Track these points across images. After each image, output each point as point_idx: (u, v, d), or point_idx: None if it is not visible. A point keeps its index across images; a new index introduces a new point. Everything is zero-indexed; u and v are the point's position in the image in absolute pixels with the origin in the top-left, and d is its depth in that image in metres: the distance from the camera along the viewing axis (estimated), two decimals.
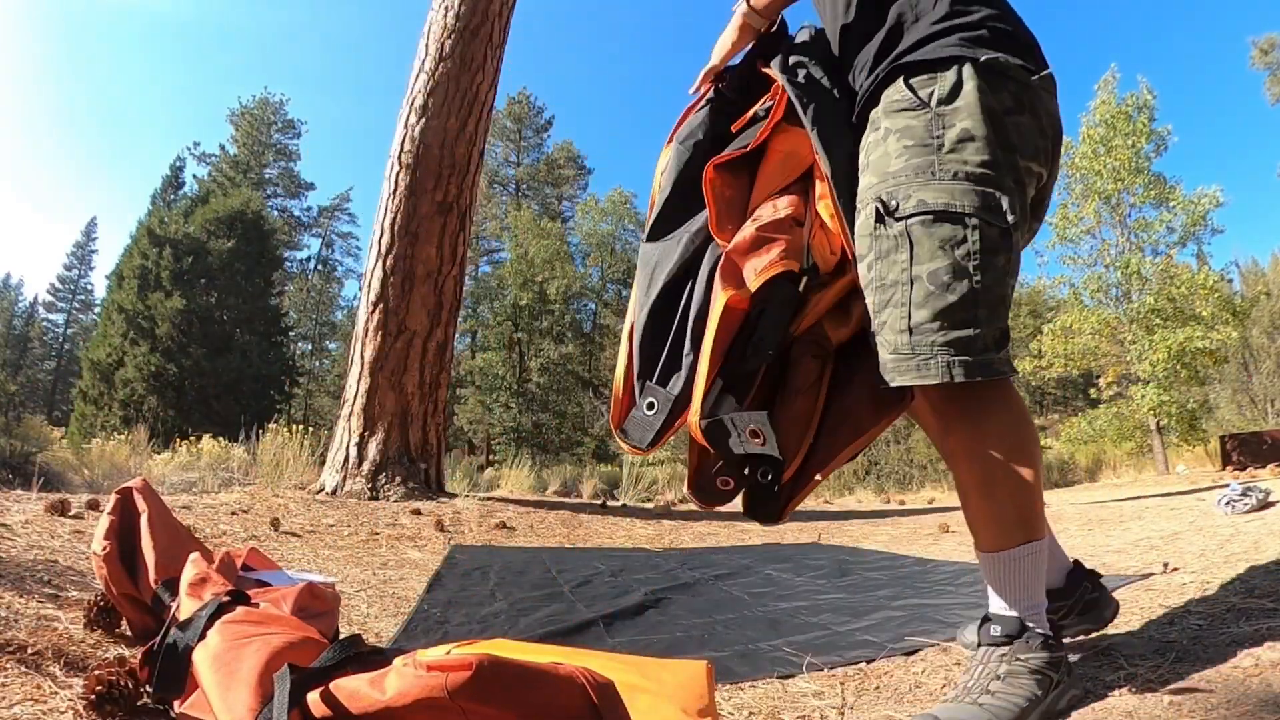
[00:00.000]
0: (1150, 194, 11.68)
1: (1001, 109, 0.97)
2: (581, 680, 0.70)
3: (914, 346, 0.93)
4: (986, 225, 0.92)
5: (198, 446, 8.74)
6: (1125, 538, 2.67)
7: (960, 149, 0.95)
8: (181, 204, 23.12)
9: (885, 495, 9.79)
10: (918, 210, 0.94)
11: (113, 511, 1.28)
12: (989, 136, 0.95)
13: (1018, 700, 0.91)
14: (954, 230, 0.93)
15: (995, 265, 0.93)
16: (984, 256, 0.92)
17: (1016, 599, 0.98)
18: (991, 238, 0.93)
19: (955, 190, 0.93)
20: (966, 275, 0.92)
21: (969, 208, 0.92)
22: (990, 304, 0.93)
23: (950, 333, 0.91)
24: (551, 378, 23.74)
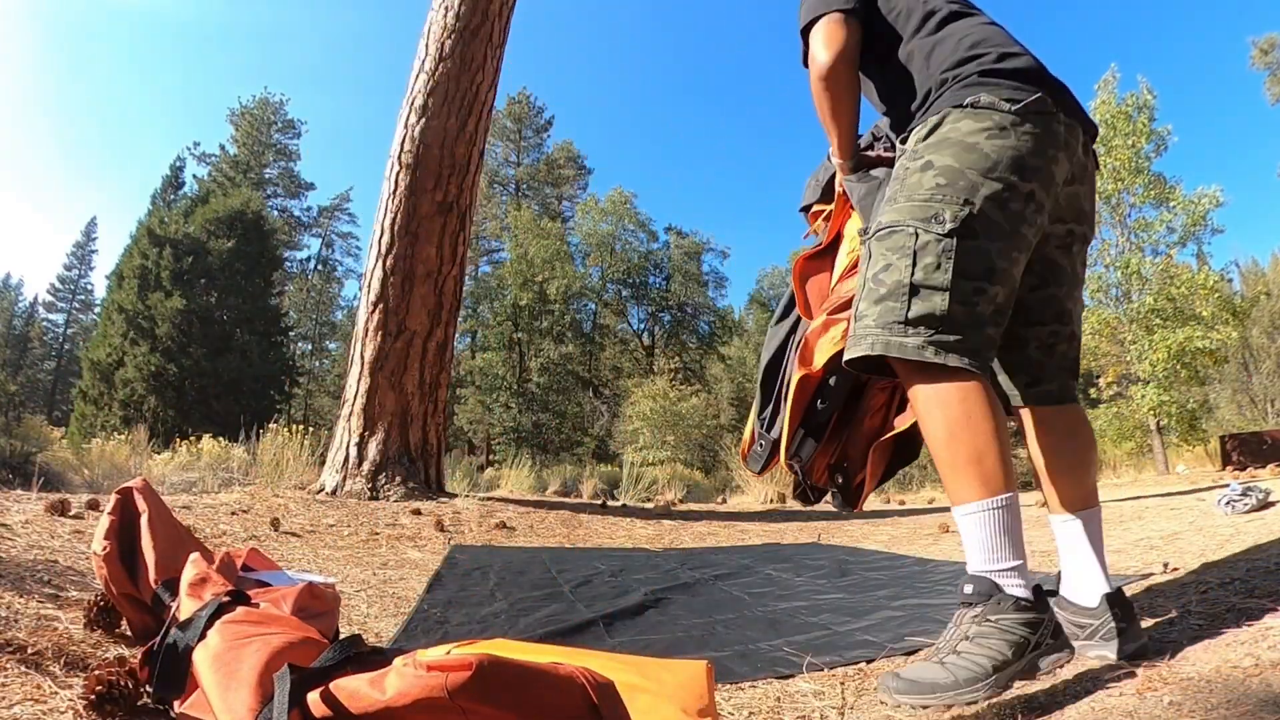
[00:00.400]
0: (1150, 194, 11.68)
1: (979, 136, 1.11)
2: (581, 680, 0.70)
3: (857, 330, 1.14)
4: (924, 232, 1.08)
5: (198, 446, 8.74)
6: (1125, 538, 2.67)
7: (919, 176, 1.13)
8: (181, 204, 23.12)
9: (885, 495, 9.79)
10: (876, 229, 1.16)
11: (113, 511, 1.28)
12: (947, 165, 1.11)
13: (982, 661, 0.96)
14: (899, 239, 1.11)
15: (921, 263, 1.08)
16: (915, 257, 1.08)
17: (987, 558, 1.03)
18: (924, 241, 1.08)
19: (904, 209, 1.12)
20: (899, 272, 1.09)
21: (909, 220, 1.10)
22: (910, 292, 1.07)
23: (881, 318, 1.09)
24: (551, 378, 23.75)
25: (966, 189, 1.08)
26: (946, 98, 1.17)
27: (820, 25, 1.25)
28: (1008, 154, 1.09)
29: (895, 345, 1.07)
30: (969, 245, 1.07)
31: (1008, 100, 1.12)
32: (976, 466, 1.03)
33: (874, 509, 6.03)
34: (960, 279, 1.06)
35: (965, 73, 1.17)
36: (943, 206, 1.08)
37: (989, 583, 1.02)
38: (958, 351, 1.05)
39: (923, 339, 1.06)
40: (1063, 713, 0.98)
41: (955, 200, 1.08)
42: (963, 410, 1.04)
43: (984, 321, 1.08)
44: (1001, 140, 1.10)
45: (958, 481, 1.05)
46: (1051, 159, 1.13)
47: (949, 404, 1.05)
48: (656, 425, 18.63)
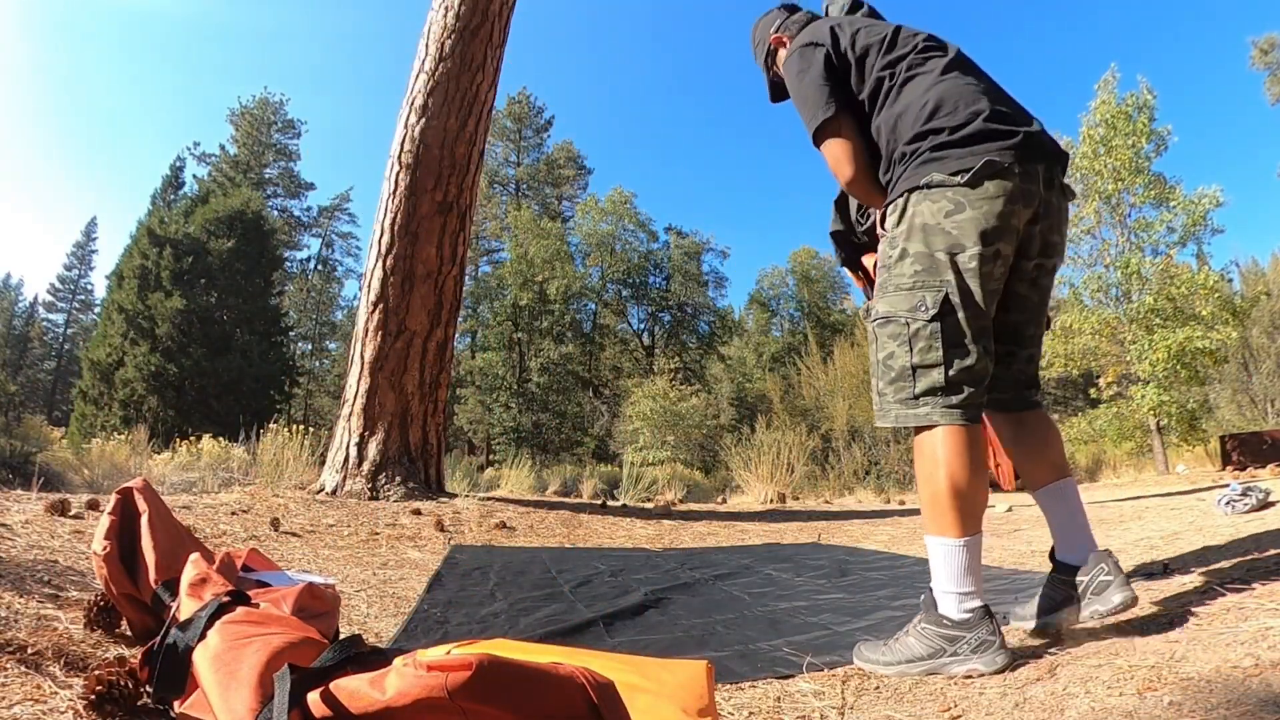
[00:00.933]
0: (1150, 194, 11.68)
1: (939, 216, 1.29)
2: (581, 680, 0.70)
3: (879, 404, 1.37)
4: (913, 321, 1.30)
5: (198, 446, 8.74)
6: (1125, 538, 2.67)
7: (899, 266, 1.33)
8: (181, 204, 23.11)
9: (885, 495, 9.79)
10: (876, 317, 1.37)
11: (113, 511, 1.28)
12: (920, 251, 1.31)
13: (904, 653, 1.28)
14: (895, 329, 1.33)
15: (916, 348, 1.29)
16: (911, 343, 1.30)
17: (938, 580, 1.28)
18: (915, 329, 1.29)
19: (894, 300, 1.33)
20: (902, 358, 1.31)
21: (900, 311, 1.32)
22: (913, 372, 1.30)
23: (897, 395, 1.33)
24: (551, 378, 23.74)
25: (939, 271, 1.28)
26: (905, 178, 1.36)
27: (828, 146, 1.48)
28: (968, 228, 1.27)
29: (910, 417, 1.31)
30: (951, 321, 1.28)
31: (957, 174, 1.28)
32: (935, 510, 1.27)
33: (874, 509, 6.03)
34: (949, 350, 1.28)
35: (919, 149, 1.34)
36: (924, 293, 1.29)
37: (932, 599, 1.29)
38: (959, 409, 1.28)
39: (930, 407, 1.29)
40: (1063, 713, 0.98)
41: (933, 285, 1.28)
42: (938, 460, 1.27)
43: (979, 375, 1.29)
44: (960, 215, 1.28)
45: (926, 515, 1.30)
46: (1010, 214, 1.28)
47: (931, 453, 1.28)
48: (656, 425, 18.63)
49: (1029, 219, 1.31)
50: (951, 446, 1.26)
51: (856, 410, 17.52)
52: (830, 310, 29.27)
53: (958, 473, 1.25)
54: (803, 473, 8.52)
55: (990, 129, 1.31)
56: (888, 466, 15.99)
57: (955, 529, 1.25)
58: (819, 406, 19.30)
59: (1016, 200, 1.27)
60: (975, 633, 1.22)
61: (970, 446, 1.27)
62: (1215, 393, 18.48)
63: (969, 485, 1.25)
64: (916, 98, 1.38)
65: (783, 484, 7.71)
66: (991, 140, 1.30)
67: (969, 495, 1.25)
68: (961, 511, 1.24)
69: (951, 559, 1.25)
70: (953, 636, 1.23)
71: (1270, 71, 22.95)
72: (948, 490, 1.25)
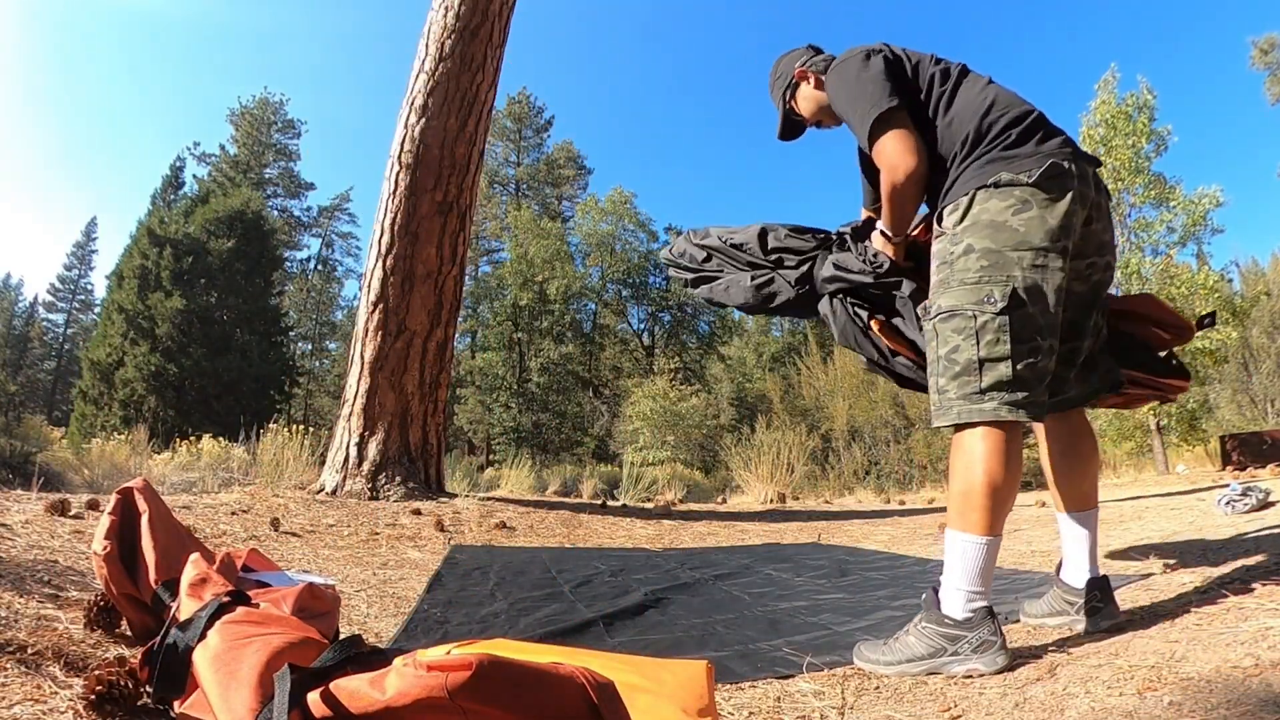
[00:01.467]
0: (1150, 194, 11.67)
1: (1007, 214, 1.29)
2: (581, 680, 0.70)
3: (939, 402, 1.34)
4: (980, 314, 1.27)
5: (198, 446, 8.74)
6: (1125, 538, 2.67)
7: (964, 261, 1.31)
8: (181, 204, 23.10)
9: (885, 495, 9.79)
10: (939, 312, 1.34)
11: (113, 511, 1.28)
12: (986, 247, 1.29)
13: (902, 652, 1.27)
14: (960, 322, 1.30)
15: (984, 341, 1.27)
16: (978, 336, 1.27)
17: (947, 577, 1.28)
18: (982, 322, 1.27)
19: (959, 294, 1.31)
20: (968, 351, 1.28)
21: (966, 304, 1.29)
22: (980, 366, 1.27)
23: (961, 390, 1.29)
24: (551, 378, 23.74)
25: (1007, 266, 1.27)
26: (970, 178, 1.34)
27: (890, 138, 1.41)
28: (1035, 225, 1.27)
29: (975, 412, 1.27)
30: (1019, 315, 1.26)
31: (1025, 174, 1.29)
32: (966, 504, 1.25)
33: (874, 509, 6.03)
34: (1017, 345, 1.26)
35: (983, 151, 1.35)
36: (991, 287, 1.27)
37: (933, 597, 1.29)
38: (1024, 407, 1.26)
39: (996, 403, 1.26)
40: (1063, 713, 0.98)
41: (1000, 279, 1.27)
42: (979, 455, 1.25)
43: (1043, 373, 1.28)
44: (1027, 214, 1.28)
45: (957, 511, 1.27)
46: (1072, 214, 1.29)
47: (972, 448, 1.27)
48: (656, 425, 18.63)
49: (1084, 219, 1.33)
50: (995, 444, 1.25)
51: (856, 410, 17.53)
52: None
53: (995, 470, 1.24)
54: (803, 473, 8.52)
55: (1049, 131, 1.35)
56: (888, 467, 15.99)
57: (982, 526, 1.24)
58: (819, 406, 19.30)
59: (1076, 201, 1.30)
60: (977, 632, 1.22)
61: (1018, 445, 1.27)
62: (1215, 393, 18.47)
63: (1005, 485, 1.24)
64: (971, 103, 1.40)
65: (783, 484, 7.70)
66: (1050, 142, 1.33)
67: (1003, 495, 1.25)
68: (992, 510, 1.24)
69: (971, 556, 1.25)
70: (954, 635, 1.23)
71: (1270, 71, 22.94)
72: (984, 486, 1.23)
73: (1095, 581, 1.40)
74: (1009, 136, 1.34)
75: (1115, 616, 1.37)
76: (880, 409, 17.03)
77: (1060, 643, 1.35)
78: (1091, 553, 1.45)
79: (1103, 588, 1.39)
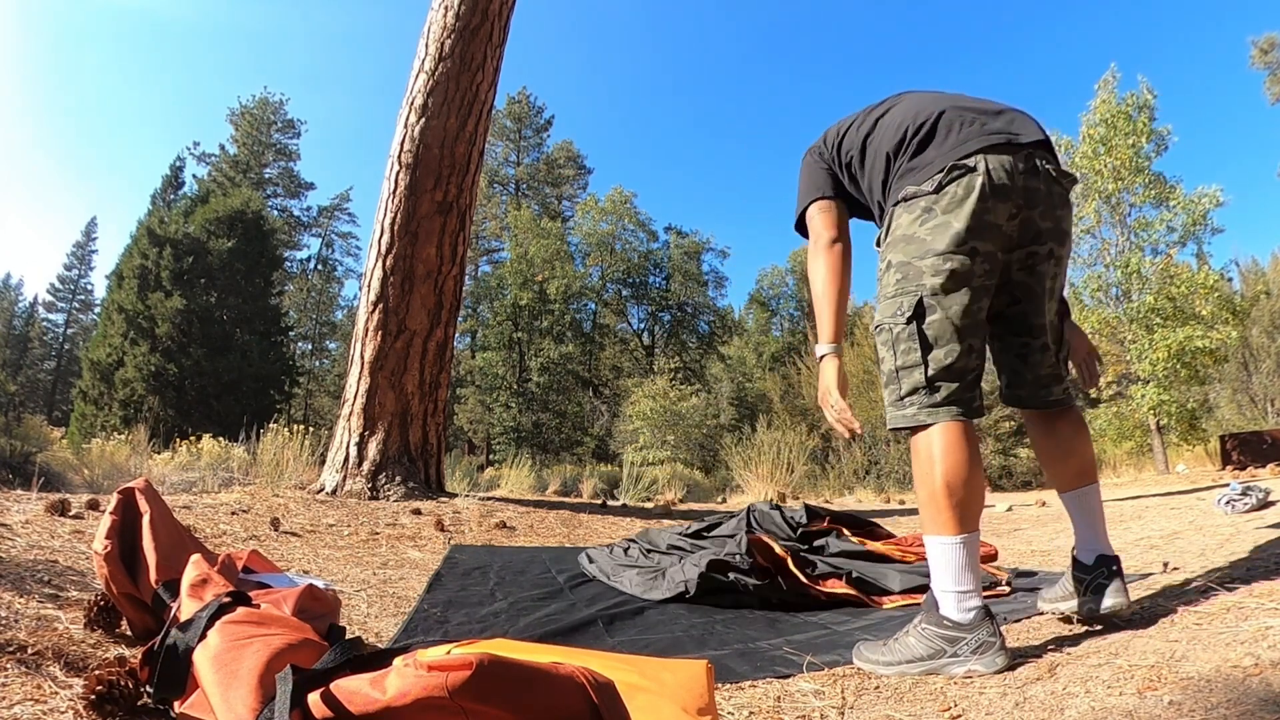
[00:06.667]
0: (1150, 193, 11.67)
1: (915, 226, 1.34)
2: (581, 680, 0.70)
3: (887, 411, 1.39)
4: (894, 325, 1.35)
5: (198, 446, 8.74)
6: (1125, 537, 2.67)
7: (886, 277, 1.39)
8: (181, 204, 23.07)
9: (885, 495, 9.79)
10: (875, 329, 1.42)
11: (114, 511, 1.28)
12: (900, 261, 1.35)
13: (902, 653, 1.28)
14: (885, 335, 1.38)
15: (899, 351, 1.34)
16: (896, 346, 1.35)
17: (938, 580, 1.29)
18: (897, 332, 1.34)
19: (882, 309, 1.40)
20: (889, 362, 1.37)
21: (885, 318, 1.38)
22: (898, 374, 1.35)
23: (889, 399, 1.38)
24: (551, 377, 23.73)
25: (917, 276, 1.32)
26: (889, 198, 1.43)
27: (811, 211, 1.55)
28: (939, 231, 1.30)
29: (899, 418, 1.35)
30: (929, 320, 1.31)
31: (928, 182, 1.32)
32: (932, 508, 1.28)
33: (874, 509, 6.03)
34: (926, 349, 1.31)
35: (896, 168, 1.42)
36: (902, 298, 1.34)
37: (933, 599, 1.29)
38: (944, 406, 1.30)
39: (916, 408, 1.32)
40: (1063, 713, 0.98)
41: (910, 290, 1.33)
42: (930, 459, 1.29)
43: (961, 371, 1.31)
44: (932, 221, 1.31)
45: (926, 517, 1.30)
46: (983, 210, 1.29)
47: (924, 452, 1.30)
48: (656, 425, 18.63)
49: (1011, 211, 1.30)
50: (943, 444, 1.27)
51: (857, 410, 17.47)
52: None
53: (950, 469, 1.26)
54: (803, 472, 8.51)
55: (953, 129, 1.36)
56: (887, 466, 15.99)
57: (951, 526, 1.25)
58: (819, 406, 19.27)
59: (988, 197, 1.28)
60: (976, 634, 1.22)
61: (962, 443, 1.27)
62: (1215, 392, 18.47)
63: (963, 483, 1.26)
64: (879, 140, 1.46)
65: (783, 483, 7.70)
66: (952, 138, 1.34)
67: (963, 493, 1.25)
68: (957, 509, 1.25)
69: (948, 557, 1.26)
70: (953, 637, 1.24)
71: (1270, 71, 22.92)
72: (942, 487, 1.26)
73: (1102, 558, 1.39)
74: (911, 147, 1.39)
75: (1122, 593, 1.35)
76: (880, 409, 17.01)
77: (1060, 642, 1.35)
78: (1097, 529, 1.44)
79: (1109, 564, 1.38)
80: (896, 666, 1.27)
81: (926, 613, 1.29)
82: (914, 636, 1.29)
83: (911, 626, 1.31)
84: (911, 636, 1.29)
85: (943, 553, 1.27)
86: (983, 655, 1.21)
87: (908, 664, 1.26)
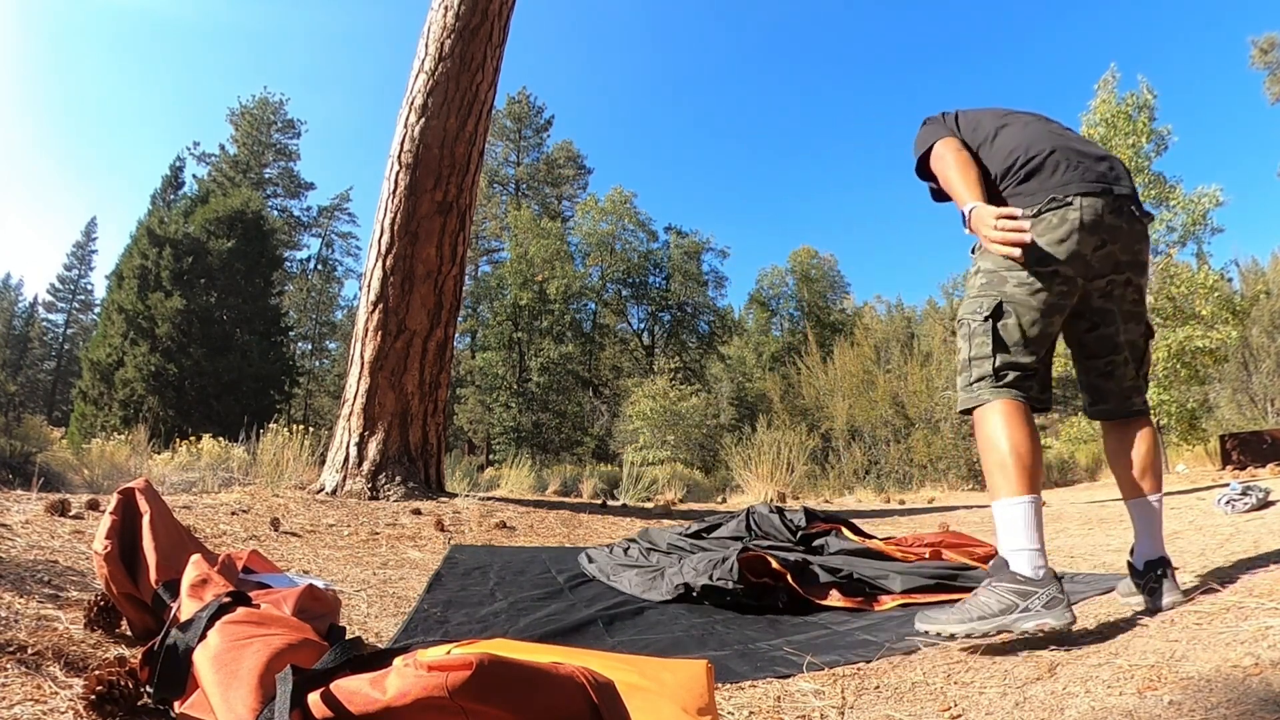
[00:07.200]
0: (1150, 193, 11.66)
1: None
2: (581, 680, 0.70)
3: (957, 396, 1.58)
4: (973, 321, 1.53)
5: (198, 446, 8.73)
6: (1125, 537, 2.66)
7: (973, 280, 1.58)
8: (181, 204, 23.06)
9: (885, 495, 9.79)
10: (957, 323, 1.60)
11: (115, 511, 1.28)
12: (987, 268, 1.54)
13: (974, 610, 1.34)
14: (964, 330, 1.56)
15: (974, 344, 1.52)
16: (971, 339, 1.53)
17: (1004, 540, 1.39)
18: (974, 327, 1.52)
19: (965, 306, 1.58)
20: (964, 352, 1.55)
21: (966, 315, 1.56)
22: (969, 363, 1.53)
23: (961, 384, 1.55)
24: (551, 377, 23.72)
25: (1000, 283, 1.50)
26: None
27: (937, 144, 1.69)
28: (1029, 251, 1.46)
29: (967, 399, 1.53)
30: (1002, 322, 1.49)
31: (1027, 208, 1.49)
32: (1000, 473, 1.40)
33: (874, 508, 6.03)
34: (998, 345, 1.49)
35: (1001, 188, 1.59)
36: (983, 299, 1.52)
37: (1001, 560, 1.37)
38: (1006, 388, 1.47)
39: (981, 389, 1.50)
40: (1063, 713, 0.98)
41: (991, 295, 1.51)
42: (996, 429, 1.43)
43: (1026, 369, 1.49)
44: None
45: (990, 482, 1.43)
46: (1072, 240, 1.47)
47: (988, 424, 1.45)
48: (656, 425, 18.62)
49: (1096, 245, 1.49)
50: (1004, 416, 1.44)
51: (856, 410, 17.52)
52: (830, 310, 29.24)
53: (1016, 436, 1.41)
54: (803, 472, 8.52)
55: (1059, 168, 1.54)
56: (888, 466, 15.99)
57: (1022, 486, 1.37)
58: (819, 406, 19.30)
59: (1077, 230, 1.46)
60: (1047, 589, 1.30)
61: (1024, 417, 1.44)
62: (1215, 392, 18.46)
63: (1028, 449, 1.40)
64: (999, 148, 1.63)
65: (783, 483, 7.70)
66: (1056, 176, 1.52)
67: (1029, 457, 1.39)
68: (1026, 470, 1.38)
69: (1019, 516, 1.36)
70: (1026, 591, 1.31)
71: (1270, 71, 22.91)
72: (1010, 452, 1.39)
73: (1152, 563, 1.51)
74: (1019, 175, 1.57)
75: (1175, 591, 1.46)
76: (880, 408, 17.04)
77: (1060, 642, 1.35)
78: (1154, 536, 1.55)
79: (1160, 567, 1.50)
80: (969, 624, 1.33)
81: (997, 572, 1.36)
82: (986, 594, 1.34)
83: (982, 587, 1.37)
84: (983, 595, 1.35)
85: (1014, 512, 1.37)
86: (1053, 609, 1.28)
87: (980, 620, 1.32)
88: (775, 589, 1.93)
